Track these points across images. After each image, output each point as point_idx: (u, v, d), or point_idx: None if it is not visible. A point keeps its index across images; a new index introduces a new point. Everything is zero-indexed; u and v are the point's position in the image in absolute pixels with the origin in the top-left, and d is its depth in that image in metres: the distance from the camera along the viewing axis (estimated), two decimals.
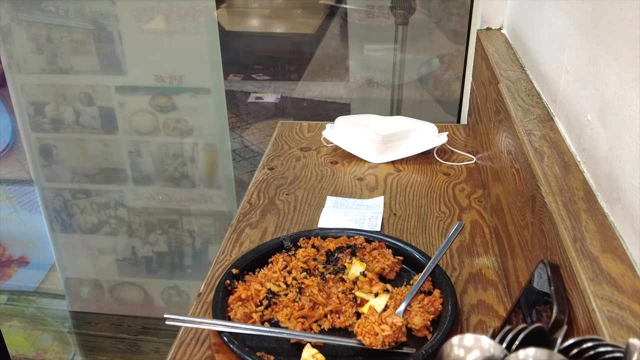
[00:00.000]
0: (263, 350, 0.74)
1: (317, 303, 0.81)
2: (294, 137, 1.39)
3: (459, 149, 1.29)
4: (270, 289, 0.83)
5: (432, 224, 1.05)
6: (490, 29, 1.32)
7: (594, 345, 0.47)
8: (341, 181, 1.19)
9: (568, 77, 0.82)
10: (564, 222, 0.63)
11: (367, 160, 1.26)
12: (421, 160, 1.26)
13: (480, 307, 0.85)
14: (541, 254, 0.69)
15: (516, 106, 0.91)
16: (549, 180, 0.70)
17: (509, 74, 1.04)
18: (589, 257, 0.58)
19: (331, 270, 0.87)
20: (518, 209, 0.83)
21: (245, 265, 0.87)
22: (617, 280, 0.54)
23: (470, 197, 1.12)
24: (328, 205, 1.10)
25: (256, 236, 1.02)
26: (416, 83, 2.23)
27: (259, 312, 0.79)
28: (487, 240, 1.00)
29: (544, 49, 0.96)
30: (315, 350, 0.74)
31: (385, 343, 0.72)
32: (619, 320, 0.50)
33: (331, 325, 0.79)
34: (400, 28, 2.13)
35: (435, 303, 0.79)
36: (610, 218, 0.63)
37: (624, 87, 0.62)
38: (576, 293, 0.56)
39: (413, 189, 1.16)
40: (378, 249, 0.90)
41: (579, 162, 0.74)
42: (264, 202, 1.12)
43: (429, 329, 0.77)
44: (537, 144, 0.79)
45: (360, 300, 0.82)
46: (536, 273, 0.66)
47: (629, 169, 0.60)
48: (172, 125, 1.87)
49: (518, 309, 0.68)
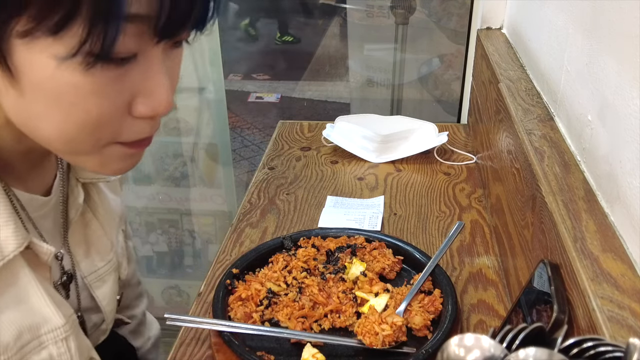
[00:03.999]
0: (263, 349, 0.74)
1: (317, 303, 0.81)
2: (294, 136, 1.39)
3: (459, 148, 1.29)
4: (270, 289, 0.83)
5: (433, 224, 1.05)
6: (490, 28, 1.32)
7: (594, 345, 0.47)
8: (341, 181, 1.19)
9: (568, 77, 0.82)
10: (564, 221, 0.63)
11: (367, 159, 1.26)
12: (421, 160, 1.26)
13: (481, 306, 0.85)
14: (541, 254, 0.69)
15: (516, 106, 0.91)
16: (549, 180, 0.70)
17: (509, 73, 1.04)
18: (589, 256, 0.58)
19: (331, 270, 0.87)
20: (518, 209, 0.83)
21: (245, 264, 0.87)
22: (617, 280, 0.54)
23: (471, 197, 1.12)
24: (328, 205, 1.10)
25: (256, 236, 1.02)
26: (416, 83, 2.23)
27: (259, 312, 0.79)
28: (487, 239, 1.00)
29: (544, 48, 0.96)
30: (315, 350, 0.74)
31: (385, 343, 0.72)
32: (619, 320, 0.50)
33: (331, 325, 0.79)
34: (400, 28, 2.13)
35: (436, 303, 0.79)
36: (611, 218, 0.63)
37: (624, 86, 0.62)
38: (576, 293, 0.56)
39: (413, 189, 1.16)
40: (378, 249, 0.90)
41: (579, 161, 0.74)
42: (264, 202, 1.12)
43: (429, 329, 0.77)
44: (537, 144, 0.79)
45: (360, 299, 0.82)
46: (536, 273, 0.66)
47: (629, 169, 0.60)
48: (172, 124, 1.87)
49: (518, 309, 0.68)
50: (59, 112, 0.46)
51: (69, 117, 0.46)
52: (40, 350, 0.55)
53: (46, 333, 0.56)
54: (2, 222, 0.52)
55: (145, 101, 0.48)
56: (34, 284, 0.55)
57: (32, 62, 0.43)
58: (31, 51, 0.42)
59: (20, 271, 0.54)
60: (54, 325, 0.56)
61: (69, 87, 0.44)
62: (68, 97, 0.45)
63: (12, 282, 0.53)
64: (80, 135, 0.48)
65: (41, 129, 0.48)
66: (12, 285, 0.53)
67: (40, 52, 0.42)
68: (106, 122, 0.48)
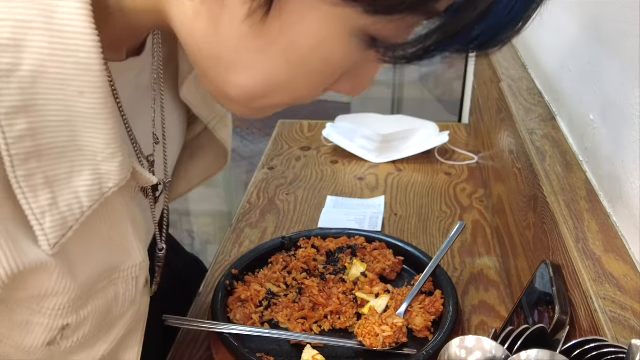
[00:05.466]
0: (263, 351, 0.73)
1: (317, 304, 0.80)
2: (294, 136, 1.39)
3: (461, 148, 1.29)
4: (270, 290, 0.82)
5: (433, 224, 1.04)
6: None
7: (596, 346, 0.46)
8: (341, 181, 1.19)
9: (570, 76, 0.81)
10: (566, 222, 0.62)
11: (367, 159, 1.25)
12: (422, 159, 1.25)
13: (482, 307, 0.84)
14: (543, 254, 0.69)
15: (518, 105, 0.90)
16: (551, 180, 0.70)
17: (510, 72, 1.04)
18: (591, 257, 0.57)
19: (331, 271, 0.86)
20: (520, 209, 0.83)
21: (245, 265, 0.87)
22: (619, 281, 0.54)
23: (472, 197, 1.12)
24: (328, 205, 1.10)
25: (256, 236, 1.02)
26: (417, 82, 2.23)
27: (258, 313, 0.79)
28: (488, 240, 0.99)
29: (546, 47, 0.95)
30: (315, 352, 0.73)
31: (385, 344, 0.72)
32: (621, 321, 0.50)
33: (331, 326, 0.78)
34: None
35: (437, 304, 0.79)
36: (613, 218, 0.63)
37: (626, 86, 0.62)
38: (578, 293, 0.56)
39: (414, 189, 1.15)
40: (379, 249, 0.90)
41: (581, 161, 0.74)
42: (263, 202, 1.11)
43: (430, 330, 0.76)
44: (539, 144, 0.78)
45: (360, 300, 0.81)
46: (538, 273, 0.65)
47: (631, 169, 0.59)
48: None
49: (520, 310, 0.67)
50: (284, 72, 0.41)
51: (285, 79, 0.42)
52: (108, 287, 0.49)
53: (122, 271, 0.50)
54: (109, 154, 0.43)
55: (351, 82, 0.46)
56: (124, 216, 0.48)
57: (306, 19, 0.38)
58: (316, 10, 0.37)
59: (112, 203, 0.47)
60: (133, 263, 0.50)
61: (323, 61, 0.40)
62: (314, 67, 0.41)
63: (105, 218, 0.47)
64: (273, 95, 0.44)
65: (237, 76, 0.42)
66: (105, 221, 0.47)
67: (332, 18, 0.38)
68: (309, 92, 0.44)
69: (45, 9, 0.37)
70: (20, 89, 0.37)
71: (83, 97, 0.40)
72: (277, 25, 0.38)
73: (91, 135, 0.41)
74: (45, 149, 0.40)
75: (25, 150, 0.38)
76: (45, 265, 0.41)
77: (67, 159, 0.41)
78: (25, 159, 0.39)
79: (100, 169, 0.43)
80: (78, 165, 0.42)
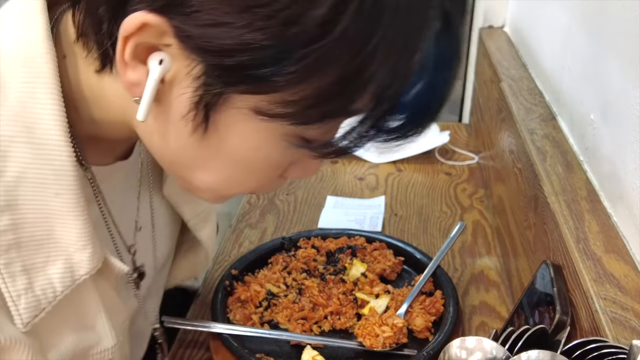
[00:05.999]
0: (263, 352, 0.73)
1: (317, 304, 0.80)
2: None
3: (461, 148, 1.29)
4: (270, 290, 0.82)
5: (434, 224, 1.04)
6: (492, 27, 1.32)
7: (597, 347, 0.46)
8: (341, 181, 1.19)
9: (571, 76, 0.81)
10: (566, 222, 0.62)
11: (367, 159, 1.25)
12: (422, 159, 1.25)
13: (482, 308, 0.84)
14: (544, 255, 0.69)
15: (518, 105, 0.90)
16: (552, 180, 0.70)
17: (511, 72, 1.03)
18: (592, 257, 0.57)
19: (331, 271, 0.86)
20: (520, 209, 0.82)
21: (244, 265, 0.86)
22: (620, 281, 0.54)
23: (472, 197, 1.12)
24: (328, 205, 1.09)
25: (256, 236, 1.01)
26: None
27: (258, 314, 0.79)
28: (489, 240, 0.99)
29: (547, 47, 0.95)
30: (315, 352, 0.73)
31: (386, 344, 0.72)
32: (622, 322, 0.49)
33: (331, 326, 0.78)
34: None
35: (437, 304, 0.78)
36: (614, 218, 0.63)
37: (627, 85, 0.61)
38: (579, 294, 0.56)
39: (414, 189, 1.15)
40: (379, 250, 0.89)
41: (581, 161, 0.74)
42: (263, 202, 1.11)
43: (430, 331, 0.76)
44: (539, 143, 0.78)
45: (360, 301, 0.81)
46: (539, 274, 0.65)
47: (632, 169, 0.59)
48: None
49: (520, 310, 0.67)
50: (235, 171, 0.48)
51: (237, 177, 0.48)
52: None
53: (93, 355, 0.53)
54: (80, 245, 0.48)
55: (299, 169, 0.52)
56: (96, 302, 0.52)
57: (239, 131, 0.44)
58: (247, 123, 0.43)
59: (85, 289, 0.51)
60: (104, 347, 0.53)
61: (264, 161, 0.46)
62: (257, 166, 0.47)
63: (77, 303, 0.50)
64: (232, 188, 0.50)
65: (197, 175, 0.49)
66: (77, 306, 0.50)
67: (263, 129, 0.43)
68: (262, 184, 0.50)
69: (27, 124, 0.44)
70: (5, 191, 0.43)
71: (58, 197, 0.46)
72: (216, 137, 0.44)
73: (65, 230, 0.47)
74: (25, 241, 0.45)
75: (7, 242, 0.44)
76: (18, 342, 0.45)
77: (43, 250, 0.46)
78: (7, 249, 0.44)
79: (72, 258, 0.48)
80: (53, 255, 0.47)
